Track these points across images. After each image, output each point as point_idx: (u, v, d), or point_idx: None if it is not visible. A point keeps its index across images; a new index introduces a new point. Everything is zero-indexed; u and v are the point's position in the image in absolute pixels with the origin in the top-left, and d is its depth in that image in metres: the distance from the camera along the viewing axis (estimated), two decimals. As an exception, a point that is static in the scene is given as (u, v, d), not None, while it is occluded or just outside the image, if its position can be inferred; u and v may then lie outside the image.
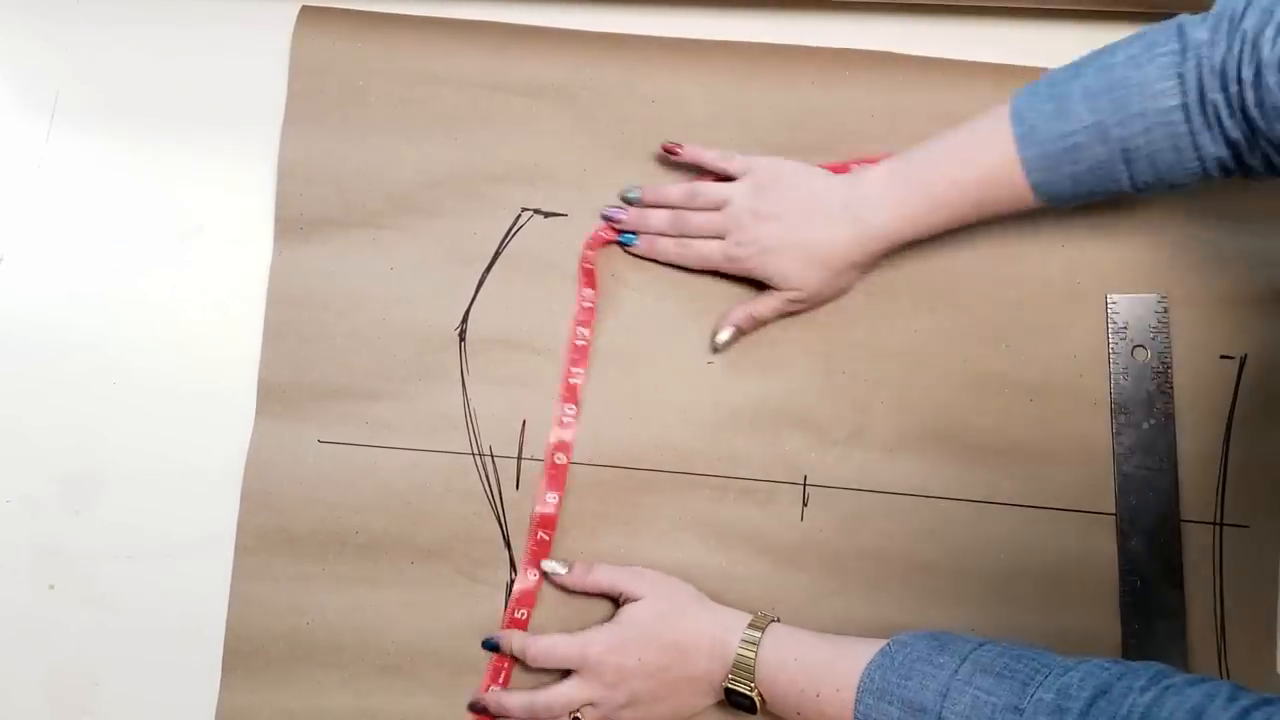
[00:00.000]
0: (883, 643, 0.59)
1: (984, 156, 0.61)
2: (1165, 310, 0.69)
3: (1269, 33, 0.53)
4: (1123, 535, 0.67)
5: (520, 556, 0.67)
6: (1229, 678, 0.67)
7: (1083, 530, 0.67)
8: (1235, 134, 0.56)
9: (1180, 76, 0.57)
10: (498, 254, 0.70)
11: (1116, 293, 0.69)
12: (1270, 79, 0.54)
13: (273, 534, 0.67)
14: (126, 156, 0.71)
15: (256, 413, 0.68)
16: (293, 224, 0.70)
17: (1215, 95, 0.56)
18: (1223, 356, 0.69)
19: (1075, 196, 0.62)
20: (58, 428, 0.69)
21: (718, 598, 0.66)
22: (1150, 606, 0.67)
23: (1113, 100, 0.58)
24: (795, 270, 0.65)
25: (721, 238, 0.67)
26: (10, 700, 0.67)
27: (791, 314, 0.68)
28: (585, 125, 0.70)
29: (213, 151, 0.71)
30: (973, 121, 0.63)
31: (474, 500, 0.67)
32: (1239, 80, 0.55)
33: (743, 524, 0.68)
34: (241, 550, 0.67)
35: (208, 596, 0.67)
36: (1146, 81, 0.57)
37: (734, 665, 0.61)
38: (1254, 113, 0.55)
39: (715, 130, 0.70)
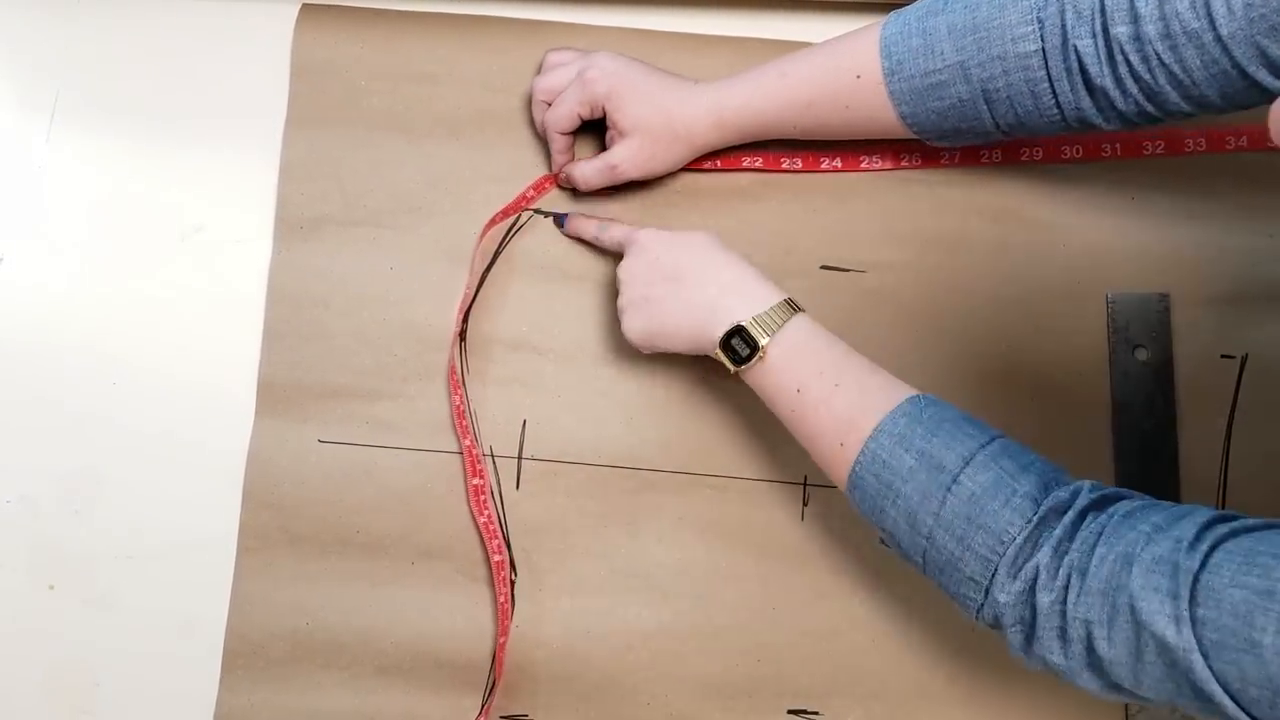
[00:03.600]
0: (912, 391, 0.57)
1: (854, 90, 0.62)
2: (1166, 310, 0.69)
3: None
4: (1123, 535, 0.67)
5: (520, 559, 0.67)
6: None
7: (1083, 530, 0.67)
8: (1102, 81, 0.56)
9: (1040, 21, 0.57)
10: (498, 254, 0.70)
11: (1117, 292, 0.69)
12: (1179, 3, 0.53)
13: (273, 534, 0.67)
14: (127, 156, 0.71)
15: (257, 412, 0.68)
16: (293, 223, 0.70)
17: (1082, 41, 0.56)
18: (1223, 356, 0.69)
19: (943, 133, 0.63)
20: (58, 428, 0.69)
21: (718, 598, 0.66)
22: (1151, 606, 0.67)
23: (976, 40, 0.58)
24: (644, 115, 0.65)
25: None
26: (10, 700, 0.67)
27: (618, 179, 0.67)
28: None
29: (213, 151, 0.71)
30: (842, 47, 0.63)
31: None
32: (1134, 18, 0.54)
33: (743, 524, 0.67)
34: (242, 550, 0.67)
35: (207, 596, 0.67)
36: (1007, 24, 0.58)
37: (758, 315, 0.59)
38: (1157, 46, 0.54)
39: (715, 130, 0.70)
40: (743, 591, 0.67)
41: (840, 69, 0.62)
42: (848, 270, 0.70)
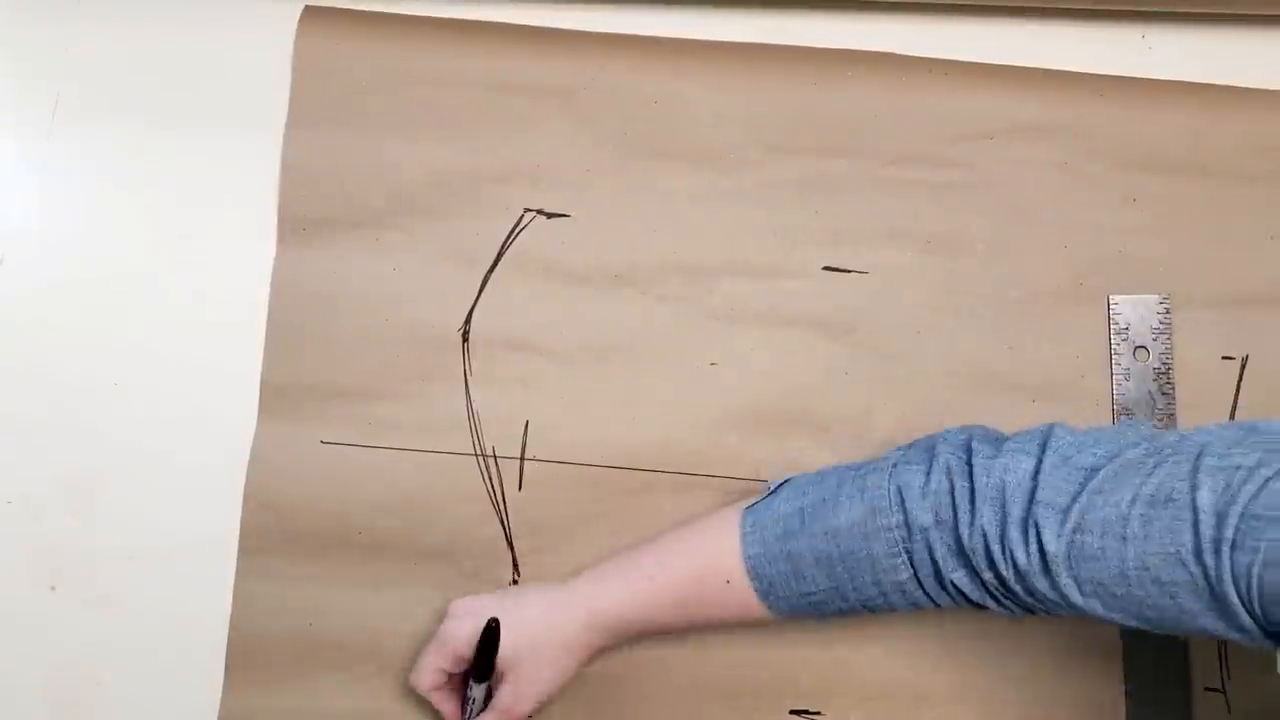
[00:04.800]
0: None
1: (725, 593, 0.61)
2: (1167, 311, 0.69)
3: (1013, 534, 0.53)
4: (1124, 536, 0.67)
5: (523, 560, 0.67)
6: (1229, 677, 0.67)
7: (1085, 531, 0.68)
8: (985, 603, 0.57)
9: (909, 553, 0.57)
10: (501, 254, 0.70)
11: (1118, 294, 0.69)
12: (1038, 584, 0.53)
13: (275, 535, 0.67)
14: (127, 156, 0.71)
15: (259, 413, 0.68)
16: (295, 224, 0.69)
17: (957, 574, 0.56)
18: (1224, 357, 0.69)
19: (818, 620, 0.63)
20: (58, 428, 0.69)
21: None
22: (1152, 607, 0.67)
23: (846, 569, 0.58)
24: (519, 647, 0.61)
25: None
26: (11, 701, 0.67)
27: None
28: (588, 126, 0.70)
29: (215, 151, 0.71)
30: (705, 549, 0.61)
31: (477, 501, 0.67)
32: (995, 573, 0.54)
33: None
34: (244, 551, 0.67)
35: (210, 597, 0.67)
36: (875, 556, 0.57)
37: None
38: (1026, 600, 0.55)
39: (718, 130, 0.70)
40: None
41: (708, 573, 0.61)
42: (849, 271, 0.70)
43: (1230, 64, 0.72)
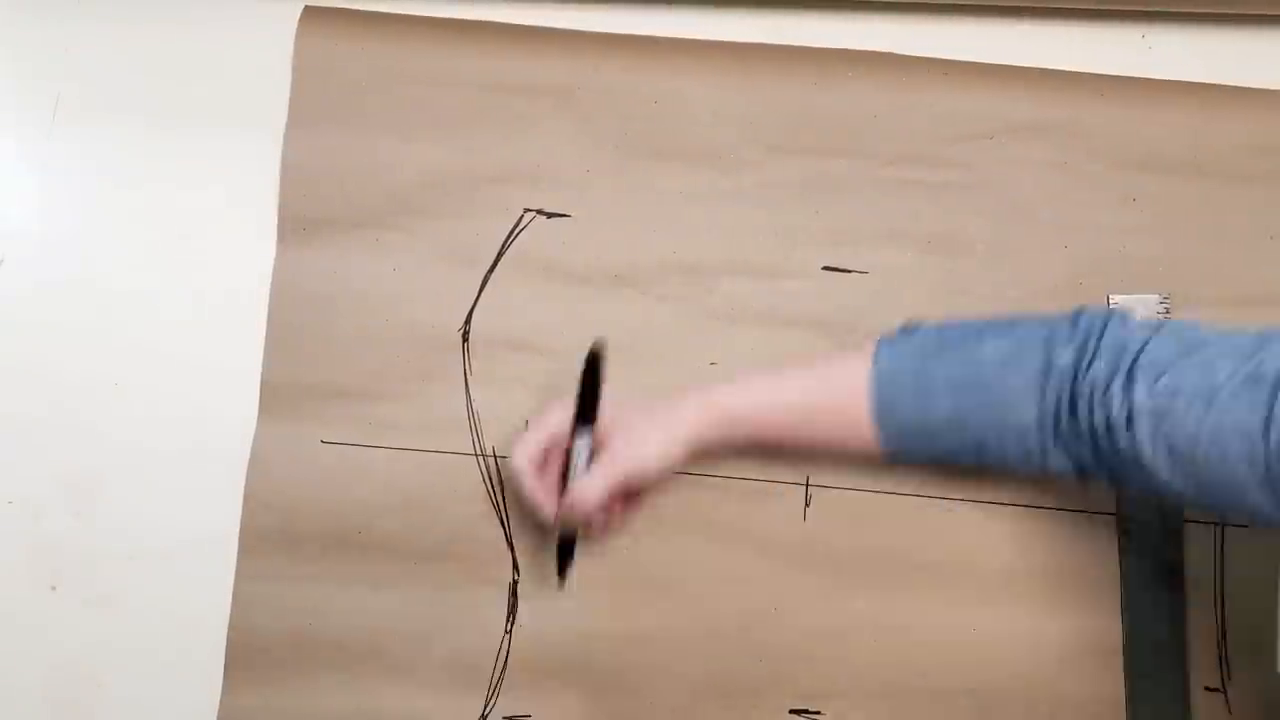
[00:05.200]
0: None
1: (841, 420, 0.61)
2: (1167, 310, 0.69)
3: (1116, 387, 0.55)
4: (1124, 536, 0.67)
5: (523, 559, 0.67)
6: (1229, 678, 0.67)
7: (1084, 531, 0.68)
8: (1084, 457, 0.57)
9: (1042, 393, 0.57)
10: (500, 254, 0.70)
11: (1118, 293, 0.69)
12: (1120, 441, 0.55)
13: (275, 534, 0.67)
14: (128, 156, 0.71)
15: (259, 413, 0.68)
16: (295, 224, 0.69)
17: (1067, 423, 0.57)
18: (1224, 357, 0.69)
19: (918, 459, 0.63)
20: (58, 428, 0.69)
21: (719, 598, 0.67)
22: (1151, 607, 0.67)
23: (976, 400, 0.58)
24: (619, 415, 0.62)
25: None
26: (12, 701, 0.67)
27: (615, 476, 0.61)
28: (587, 126, 0.70)
29: (215, 151, 0.71)
30: (834, 364, 0.63)
31: (477, 501, 0.67)
32: (1091, 424, 0.56)
33: (745, 524, 0.68)
34: (244, 551, 0.67)
35: (209, 597, 0.67)
36: (1010, 390, 0.58)
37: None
38: (1110, 460, 0.56)
39: (717, 130, 0.70)
40: (745, 591, 0.67)
41: (832, 384, 0.62)
42: (850, 271, 0.70)
43: (1230, 64, 0.72)
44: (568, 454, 0.62)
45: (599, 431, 0.61)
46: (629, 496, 0.63)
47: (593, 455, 0.61)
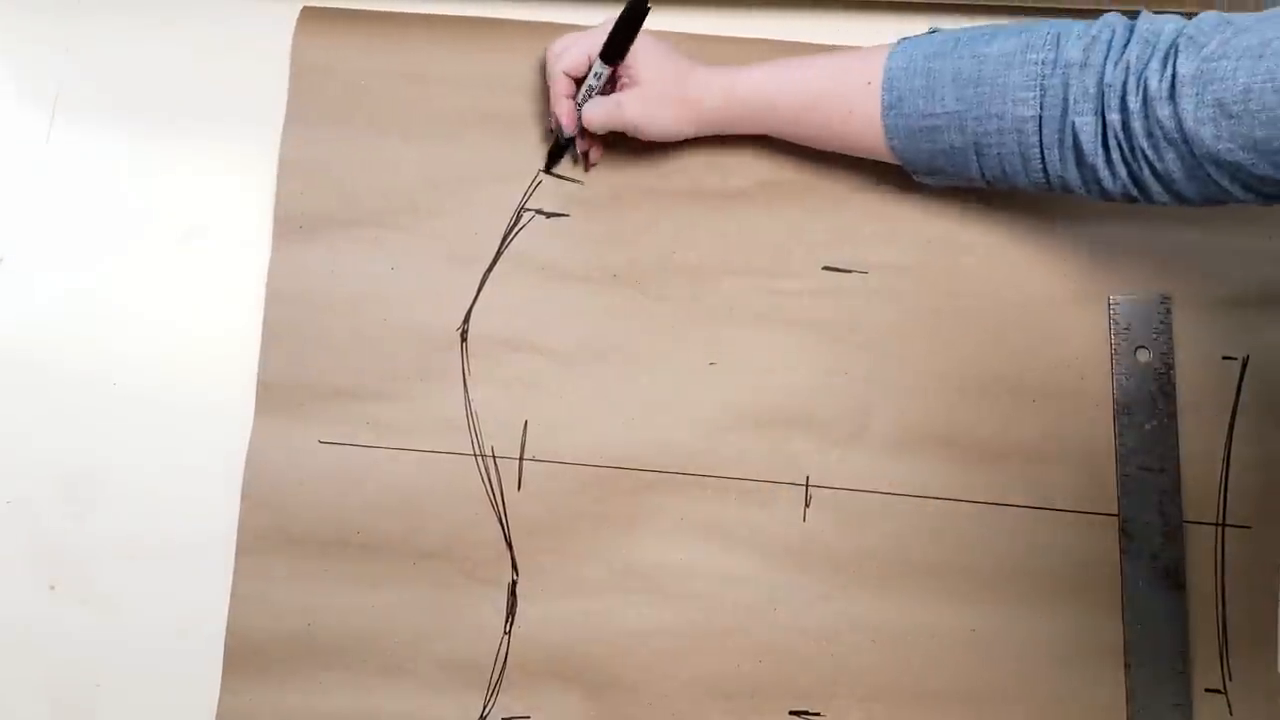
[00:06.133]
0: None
1: (861, 97, 0.63)
2: (1168, 311, 0.69)
3: (1154, 64, 0.54)
4: (1125, 536, 0.67)
5: (522, 560, 0.67)
6: (1230, 678, 0.67)
7: (1085, 531, 0.67)
8: (1093, 160, 0.57)
9: (1042, 88, 0.57)
10: (499, 254, 0.70)
11: (1119, 294, 0.69)
12: (1161, 111, 0.54)
13: (273, 534, 0.67)
14: (127, 156, 0.71)
15: (256, 413, 0.68)
16: (293, 223, 0.69)
17: (1082, 118, 0.57)
18: (1225, 357, 0.69)
19: (930, 171, 0.64)
20: (58, 428, 0.69)
21: (719, 598, 0.67)
22: (1152, 607, 0.67)
23: (978, 94, 0.59)
24: (658, 68, 0.65)
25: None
26: (11, 702, 0.67)
27: (623, 121, 0.66)
28: (587, 125, 0.70)
29: (213, 151, 0.71)
30: (853, 55, 0.64)
31: (475, 501, 0.67)
32: (1123, 109, 0.55)
33: (744, 525, 0.68)
34: (242, 551, 0.67)
35: (208, 597, 0.67)
36: (1011, 85, 0.58)
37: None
38: (1142, 142, 0.56)
39: (717, 130, 0.70)
40: (744, 592, 0.67)
41: (848, 73, 0.63)
42: (849, 271, 0.70)
43: (1231, 63, 0.72)
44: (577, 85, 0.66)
45: (625, 64, 0.64)
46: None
47: (611, 84, 0.66)
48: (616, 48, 0.63)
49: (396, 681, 0.66)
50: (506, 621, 0.67)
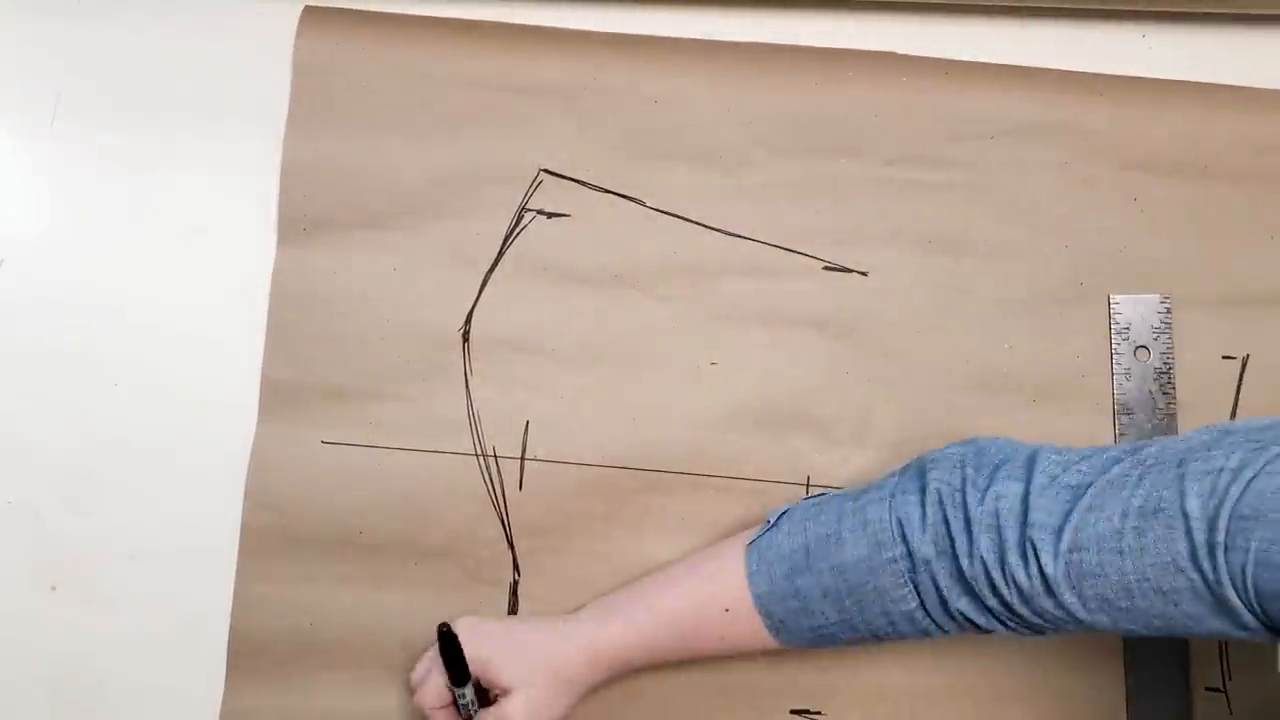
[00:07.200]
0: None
1: (727, 622, 0.61)
2: (1168, 311, 0.69)
3: (1013, 559, 0.53)
4: (1125, 536, 0.67)
5: (524, 560, 0.67)
6: (1230, 678, 0.67)
7: (1085, 531, 0.68)
8: (989, 625, 0.57)
9: (914, 584, 0.57)
10: (501, 254, 0.70)
11: (1119, 293, 0.69)
12: (1043, 603, 0.53)
13: (276, 535, 0.67)
14: (128, 157, 0.71)
15: (259, 413, 0.68)
16: (295, 224, 0.69)
17: (963, 602, 0.56)
18: (1225, 357, 0.69)
19: (831, 647, 0.62)
20: (59, 428, 0.69)
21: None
22: (1152, 607, 0.67)
23: (855, 603, 0.58)
24: (524, 671, 0.60)
25: None
26: (13, 702, 0.67)
27: None
28: (588, 126, 0.70)
29: (215, 152, 0.71)
30: (706, 581, 0.62)
31: (477, 501, 0.67)
32: (998, 596, 0.55)
33: (746, 524, 0.67)
34: (244, 551, 0.67)
35: (210, 597, 0.67)
36: (883, 589, 0.57)
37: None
38: (1032, 619, 0.55)
39: (718, 130, 0.70)
40: (745, 592, 0.67)
41: (712, 607, 0.61)
42: (850, 271, 0.70)
43: (1230, 64, 0.72)
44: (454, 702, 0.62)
45: (494, 676, 0.60)
46: None
47: (479, 693, 0.61)
48: (458, 671, 0.60)
49: (399, 681, 0.66)
50: (508, 621, 0.67)
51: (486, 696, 0.62)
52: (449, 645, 0.59)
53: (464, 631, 0.60)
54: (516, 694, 0.60)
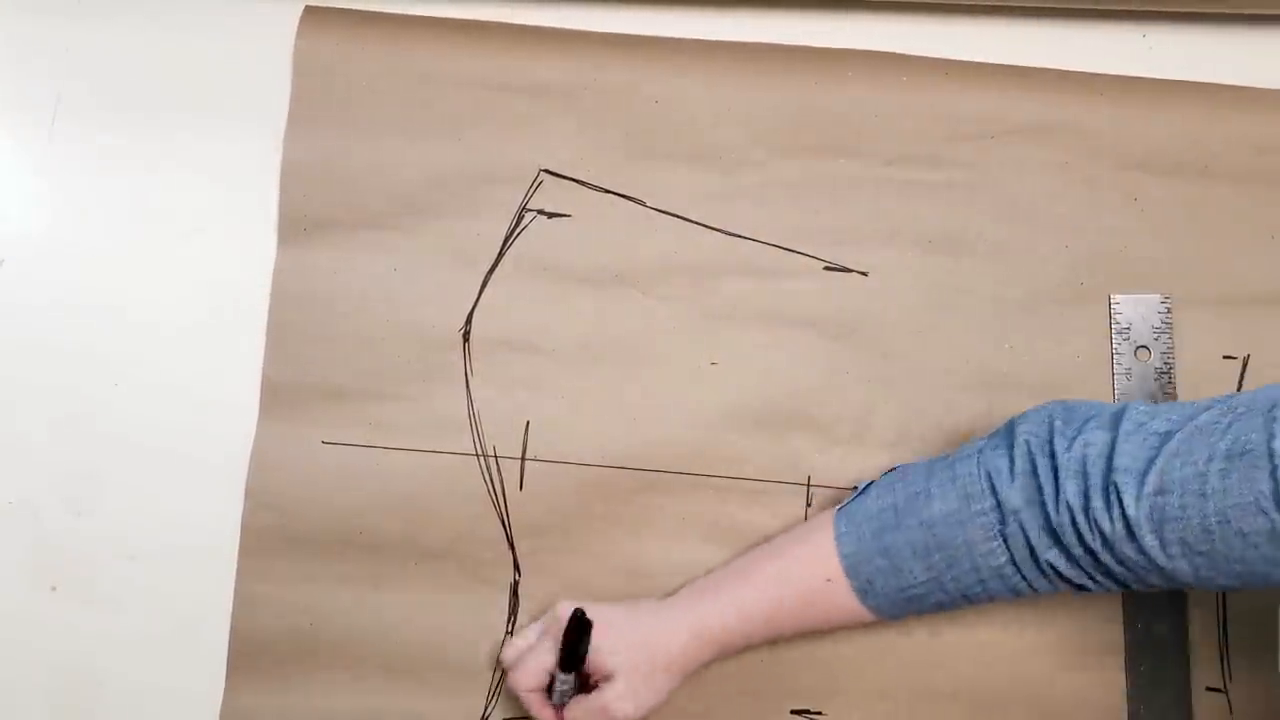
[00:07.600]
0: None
1: (825, 592, 0.61)
2: (1168, 311, 0.69)
3: (1096, 503, 0.54)
4: (1125, 536, 0.67)
5: (524, 560, 0.67)
6: (1230, 679, 0.67)
7: (1085, 531, 0.68)
8: (1080, 580, 0.57)
9: (1004, 537, 0.57)
10: (501, 254, 0.70)
11: (1120, 293, 0.69)
12: (1125, 549, 0.53)
13: (276, 535, 0.67)
14: (128, 157, 0.71)
15: (259, 414, 0.68)
16: (296, 224, 0.69)
17: (1052, 553, 0.56)
18: (1226, 357, 0.69)
19: (923, 613, 0.62)
20: (59, 428, 0.69)
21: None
22: (1152, 607, 0.67)
23: (944, 558, 0.58)
24: (625, 656, 0.61)
25: None
26: (13, 702, 0.67)
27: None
28: (589, 126, 0.70)
29: (215, 152, 0.71)
30: (800, 554, 0.62)
31: (478, 501, 0.67)
32: (1083, 545, 0.55)
33: (747, 525, 0.68)
34: (245, 551, 0.67)
35: (211, 598, 0.67)
36: (972, 542, 0.58)
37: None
38: (1116, 568, 0.55)
39: (718, 130, 0.70)
40: (745, 592, 0.67)
41: (807, 577, 0.61)
42: (849, 271, 0.70)
43: (1230, 64, 0.72)
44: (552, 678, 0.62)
45: (593, 659, 0.60)
46: None
47: (580, 682, 0.62)
48: (573, 659, 0.59)
49: (399, 682, 0.66)
50: (509, 622, 0.67)
51: (585, 684, 0.62)
52: (581, 632, 0.59)
53: (564, 608, 0.61)
54: (618, 679, 0.60)
